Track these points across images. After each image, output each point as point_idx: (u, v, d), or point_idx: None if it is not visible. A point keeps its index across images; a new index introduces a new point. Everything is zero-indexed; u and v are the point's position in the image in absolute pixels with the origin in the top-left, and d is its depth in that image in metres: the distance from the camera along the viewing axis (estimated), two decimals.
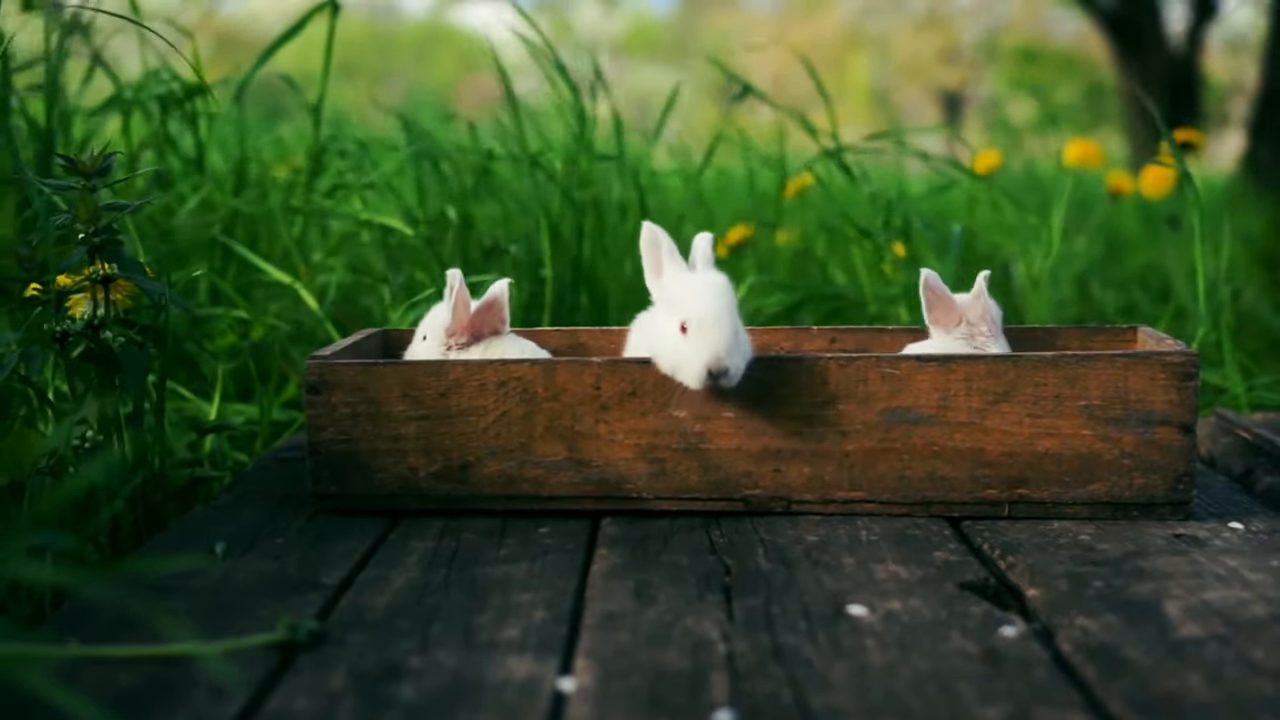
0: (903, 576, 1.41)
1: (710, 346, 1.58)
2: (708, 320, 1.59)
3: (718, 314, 1.60)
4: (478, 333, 1.85)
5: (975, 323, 1.82)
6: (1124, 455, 1.62)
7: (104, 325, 1.69)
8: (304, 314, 2.62)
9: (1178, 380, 1.60)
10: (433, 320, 1.89)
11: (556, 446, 1.67)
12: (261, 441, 2.22)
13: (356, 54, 17.41)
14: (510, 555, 1.52)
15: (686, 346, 1.60)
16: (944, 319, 1.84)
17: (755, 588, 1.38)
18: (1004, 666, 1.16)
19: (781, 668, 1.15)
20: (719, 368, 1.58)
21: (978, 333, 1.82)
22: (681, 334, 1.60)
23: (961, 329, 1.83)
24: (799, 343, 2.03)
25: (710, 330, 1.59)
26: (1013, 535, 1.57)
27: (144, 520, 1.75)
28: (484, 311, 1.85)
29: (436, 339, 1.85)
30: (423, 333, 1.89)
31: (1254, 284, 3.67)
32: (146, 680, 1.14)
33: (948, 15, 21.58)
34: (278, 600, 1.36)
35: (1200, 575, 1.40)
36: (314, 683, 1.13)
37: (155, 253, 2.49)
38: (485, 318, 1.85)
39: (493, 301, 1.85)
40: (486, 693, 1.11)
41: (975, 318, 1.82)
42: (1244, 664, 1.15)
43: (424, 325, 1.90)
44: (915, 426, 1.63)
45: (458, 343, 1.83)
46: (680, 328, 1.60)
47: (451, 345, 1.84)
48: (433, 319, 1.89)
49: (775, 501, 1.67)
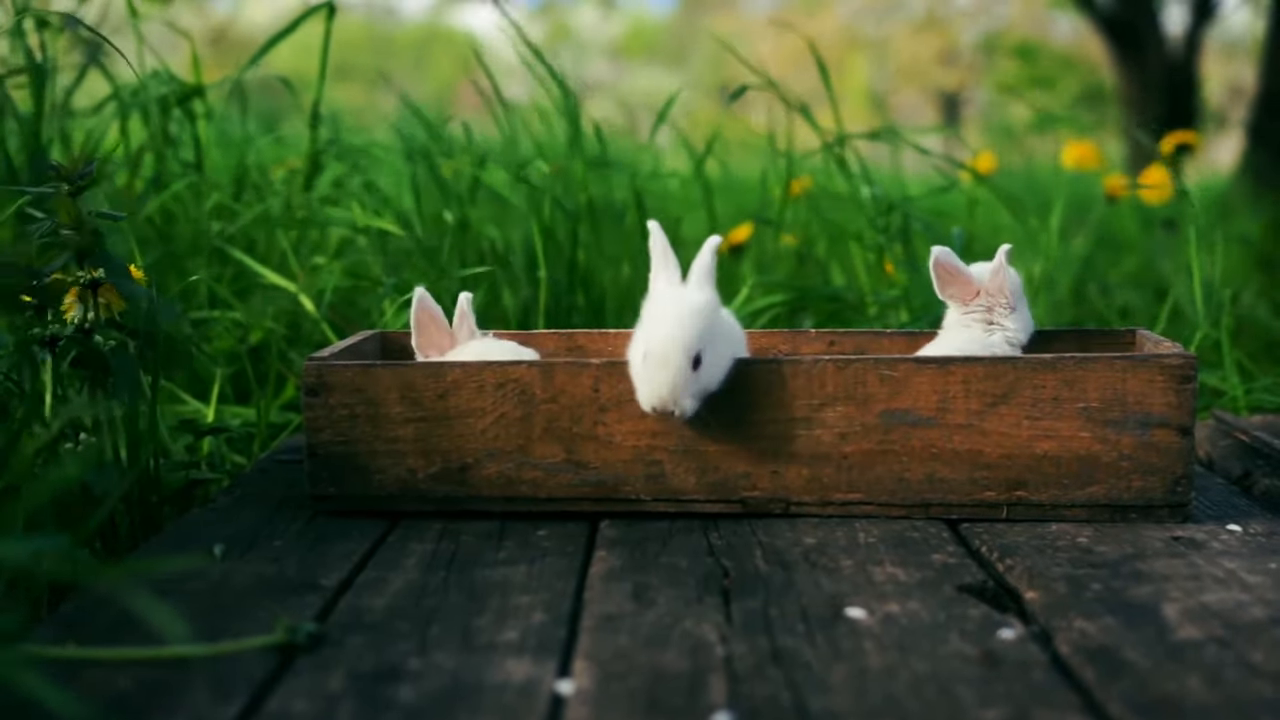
0: (901, 579, 1.41)
1: (653, 389, 1.57)
2: (654, 359, 1.57)
3: (666, 355, 1.56)
4: (444, 348, 1.86)
5: (994, 294, 1.82)
6: (1122, 458, 1.62)
7: (95, 329, 1.70)
8: (302, 316, 2.62)
9: (1176, 383, 1.60)
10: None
11: (555, 448, 1.67)
12: (259, 444, 2.21)
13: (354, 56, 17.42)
14: (509, 557, 1.52)
15: (640, 376, 1.60)
16: (961, 294, 1.84)
17: (754, 590, 1.38)
18: (1003, 669, 1.16)
19: (780, 670, 1.15)
20: (663, 410, 1.57)
21: (996, 305, 1.82)
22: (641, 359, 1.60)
23: (981, 299, 1.82)
24: (797, 345, 2.03)
25: (655, 371, 1.57)
26: (1011, 537, 1.57)
27: (141, 523, 1.75)
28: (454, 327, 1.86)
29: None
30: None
31: (1252, 286, 3.67)
32: (145, 682, 1.13)
33: (946, 17, 21.60)
34: (276, 602, 1.36)
35: (1199, 577, 1.40)
36: (313, 684, 1.13)
37: (153, 255, 2.49)
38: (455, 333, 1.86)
39: (460, 316, 1.86)
40: (485, 694, 1.11)
41: (994, 289, 1.82)
42: (1243, 666, 1.15)
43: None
44: (914, 429, 1.63)
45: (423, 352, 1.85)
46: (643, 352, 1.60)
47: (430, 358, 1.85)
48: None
49: (774, 503, 1.67)
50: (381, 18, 26.32)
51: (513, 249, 2.86)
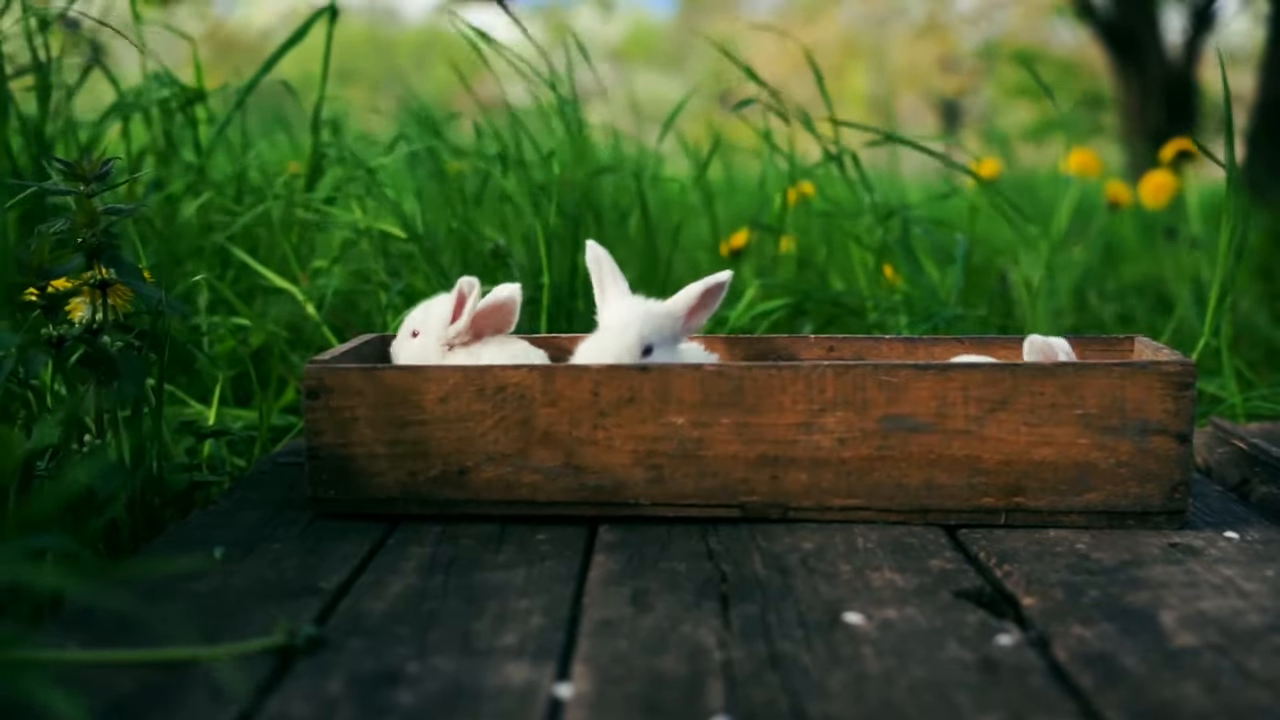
0: (899, 584, 1.42)
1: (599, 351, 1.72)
2: (610, 330, 1.74)
3: (623, 326, 1.73)
4: (480, 333, 1.86)
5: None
6: (1120, 464, 1.62)
7: (102, 330, 1.70)
8: (303, 319, 2.63)
9: (1174, 390, 1.60)
10: (425, 315, 1.89)
11: (554, 453, 1.67)
12: (260, 446, 2.22)
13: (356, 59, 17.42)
14: (508, 561, 1.52)
15: (588, 344, 1.76)
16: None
17: (752, 595, 1.38)
18: (1000, 675, 1.16)
19: (778, 675, 1.16)
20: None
21: None
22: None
23: None
24: (796, 350, 2.04)
25: (607, 339, 1.73)
26: (1009, 544, 1.57)
27: (142, 525, 1.76)
28: (491, 313, 1.86)
29: (434, 335, 1.86)
30: (411, 329, 1.90)
31: (1251, 294, 3.68)
32: (145, 684, 1.14)
33: (946, 23, 21.60)
34: (276, 605, 1.36)
35: (1196, 585, 1.41)
36: (312, 688, 1.14)
37: (156, 257, 2.49)
38: (490, 319, 1.87)
39: (501, 304, 1.87)
40: (484, 699, 1.11)
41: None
42: (1240, 673, 1.15)
43: (414, 321, 1.91)
44: (913, 434, 1.64)
45: (461, 341, 1.85)
46: None
47: (454, 344, 1.85)
48: (425, 314, 1.90)
49: (772, 508, 1.67)
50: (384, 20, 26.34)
51: (512, 252, 2.86)
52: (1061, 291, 3.43)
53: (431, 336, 1.87)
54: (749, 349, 2.03)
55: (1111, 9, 9.06)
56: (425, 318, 1.89)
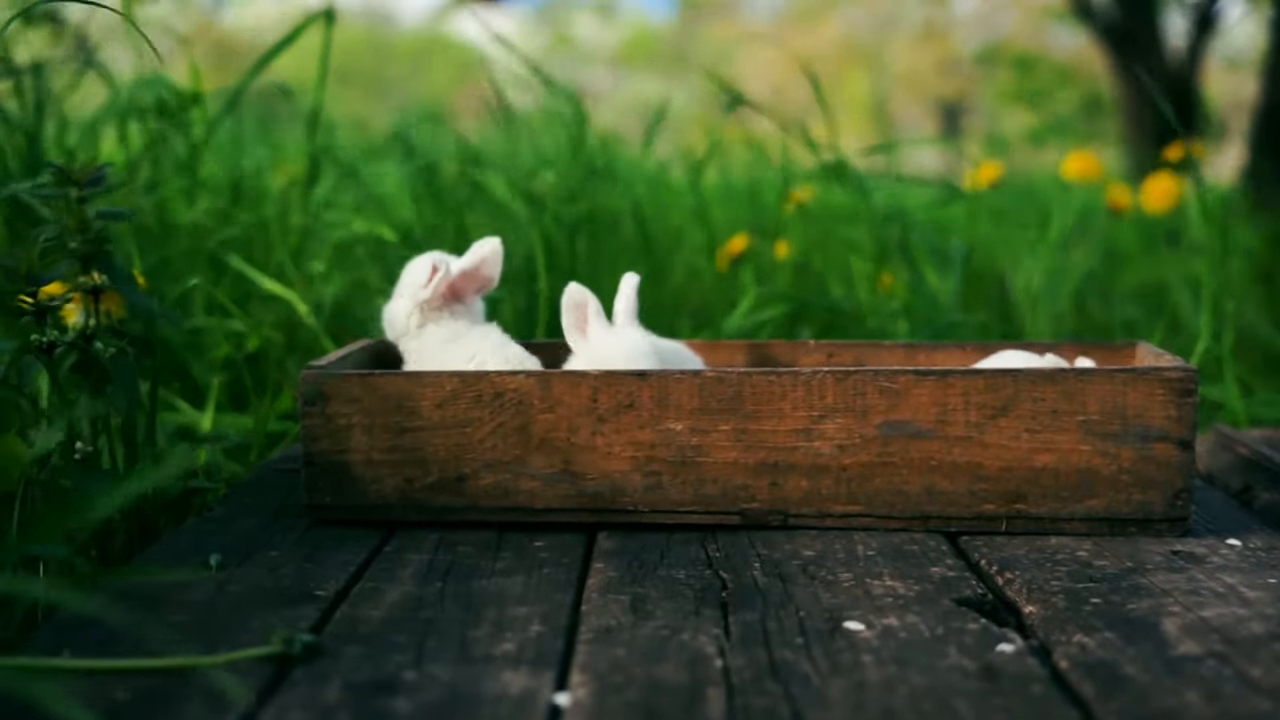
0: (900, 592, 1.41)
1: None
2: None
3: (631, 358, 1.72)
4: (461, 294, 1.86)
5: None
6: (1122, 471, 1.61)
7: (95, 335, 1.69)
8: (299, 324, 2.62)
9: (1176, 396, 1.60)
10: (408, 277, 1.90)
11: (552, 459, 1.67)
12: (256, 453, 2.21)
13: (354, 62, 17.44)
14: (506, 568, 1.51)
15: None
16: None
17: (752, 602, 1.37)
18: (1001, 683, 1.15)
19: (778, 683, 1.15)
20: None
21: None
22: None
23: None
24: (796, 356, 2.03)
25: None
26: (1010, 551, 1.56)
27: (136, 532, 1.75)
28: (473, 274, 1.86)
29: (409, 297, 1.86)
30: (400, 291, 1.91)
31: (1253, 300, 3.67)
32: (140, 693, 1.13)
33: (946, 27, 21.62)
34: (273, 612, 1.35)
35: (1198, 592, 1.40)
36: (309, 696, 1.13)
37: (151, 262, 2.48)
38: (473, 280, 1.86)
39: (482, 261, 1.86)
40: (482, 706, 1.10)
41: None
42: (1242, 682, 1.15)
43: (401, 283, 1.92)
44: (913, 441, 1.63)
45: (431, 306, 1.85)
46: None
47: (433, 307, 1.85)
48: (408, 275, 1.90)
49: (772, 515, 1.66)
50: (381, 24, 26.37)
51: (509, 258, 2.85)
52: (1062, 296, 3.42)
53: (407, 297, 1.88)
54: (748, 355, 2.02)
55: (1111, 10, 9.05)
56: (403, 279, 1.91)
